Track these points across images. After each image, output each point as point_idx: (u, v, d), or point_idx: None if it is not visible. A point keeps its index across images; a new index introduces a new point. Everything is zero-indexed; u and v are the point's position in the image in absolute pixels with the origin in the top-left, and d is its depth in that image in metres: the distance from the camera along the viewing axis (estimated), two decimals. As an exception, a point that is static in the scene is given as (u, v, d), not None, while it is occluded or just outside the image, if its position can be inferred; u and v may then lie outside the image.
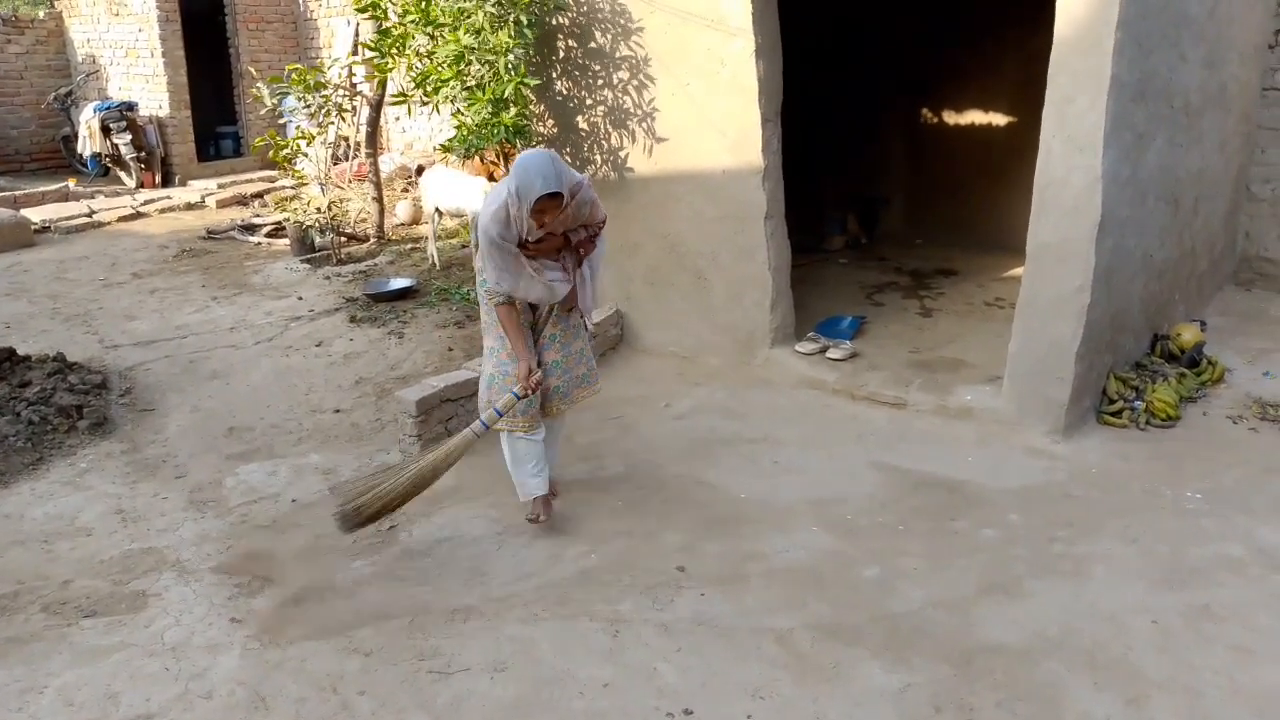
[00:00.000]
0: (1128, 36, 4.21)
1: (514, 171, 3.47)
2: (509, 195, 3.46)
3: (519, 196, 3.42)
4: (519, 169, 3.45)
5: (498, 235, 3.51)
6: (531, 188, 3.39)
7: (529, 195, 3.41)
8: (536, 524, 3.90)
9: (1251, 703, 2.82)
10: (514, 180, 3.45)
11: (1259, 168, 6.91)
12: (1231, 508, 3.94)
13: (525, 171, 3.43)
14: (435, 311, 6.65)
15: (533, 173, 3.41)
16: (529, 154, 3.55)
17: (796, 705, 2.89)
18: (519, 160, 3.50)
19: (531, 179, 3.40)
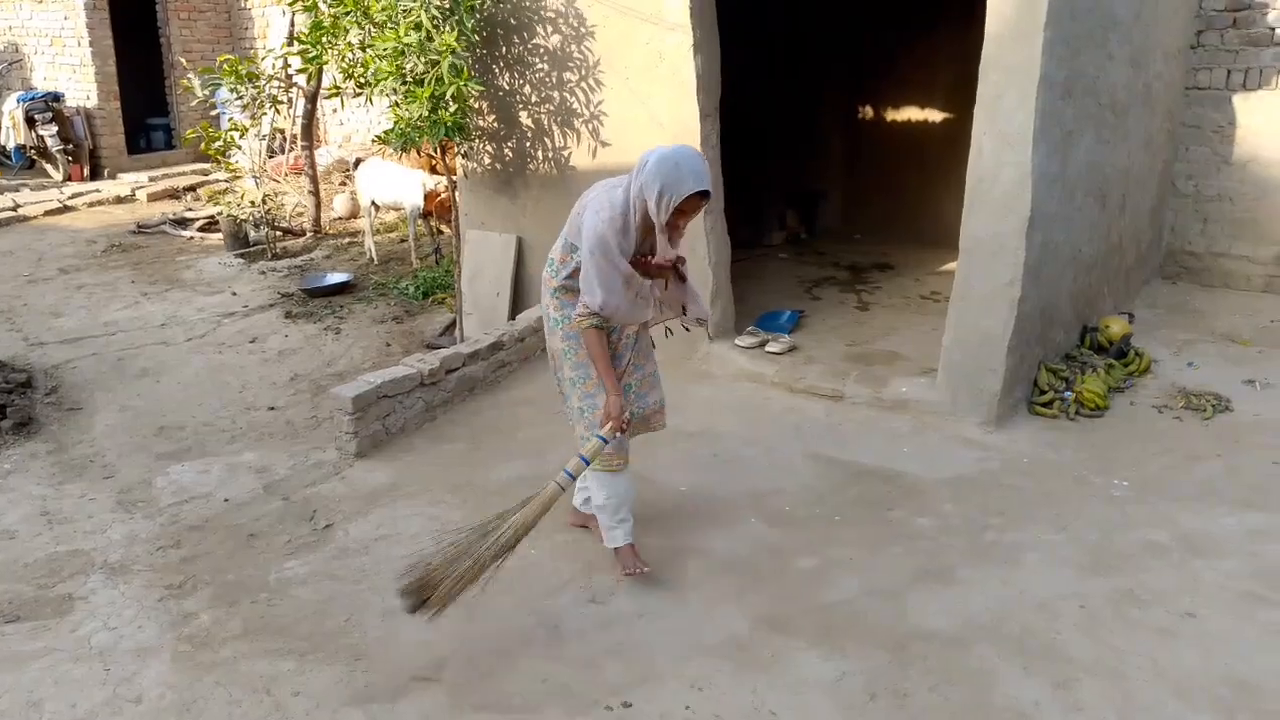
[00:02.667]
0: (1056, 35, 4.30)
1: (652, 168, 3.00)
2: (634, 197, 3.07)
3: (661, 195, 2.97)
4: (662, 163, 2.99)
5: (616, 246, 3.10)
6: (681, 184, 2.96)
7: (677, 194, 2.97)
8: (638, 576, 3.45)
9: (1173, 684, 2.91)
10: (654, 178, 2.98)
11: (1183, 164, 7.11)
12: (1157, 495, 4.05)
13: (675, 167, 2.98)
14: (373, 306, 6.58)
15: (685, 168, 2.98)
16: (675, 148, 3.08)
17: (735, 696, 2.91)
18: (660, 155, 3.03)
19: (682, 175, 2.97)
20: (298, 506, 4.14)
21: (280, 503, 4.17)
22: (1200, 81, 6.94)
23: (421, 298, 6.92)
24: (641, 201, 3.07)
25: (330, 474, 4.41)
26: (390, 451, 4.60)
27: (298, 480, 4.37)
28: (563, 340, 3.41)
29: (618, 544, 3.49)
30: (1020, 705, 2.84)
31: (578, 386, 3.42)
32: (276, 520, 4.02)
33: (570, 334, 3.35)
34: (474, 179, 6.21)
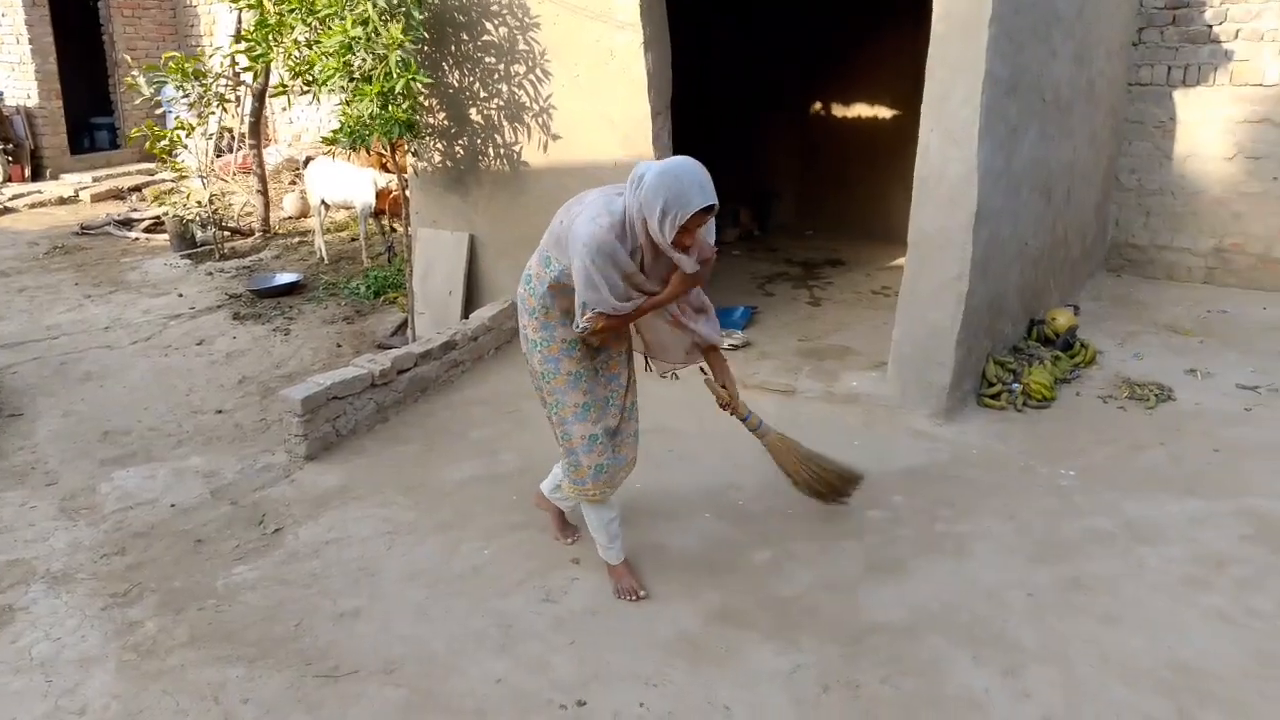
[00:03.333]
0: (1001, 32, 4.35)
1: (652, 184, 2.80)
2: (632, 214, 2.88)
3: (665, 213, 2.78)
4: (662, 178, 2.79)
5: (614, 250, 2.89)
6: (686, 200, 2.77)
7: (683, 211, 2.77)
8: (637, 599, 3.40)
9: (1118, 669, 2.96)
10: (654, 195, 2.79)
11: (1126, 159, 7.25)
12: (1102, 484, 4.12)
13: (677, 180, 2.78)
14: (323, 307, 6.50)
15: (687, 181, 2.79)
16: (675, 161, 2.88)
17: (689, 691, 2.91)
18: (658, 169, 2.83)
19: (685, 189, 2.77)
20: (246, 511, 4.08)
21: (228, 507, 4.11)
22: (1142, 78, 7.08)
23: (373, 297, 6.85)
24: (641, 220, 2.86)
25: (279, 477, 4.35)
26: (341, 454, 4.54)
27: (246, 484, 4.30)
28: (542, 363, 3.21)
29: (611, 561, 3.45)
30: (970, 693, 2.88)
31: (555, 411, 3.26)
32: (224, 525, 3.96)
33: (550, 357, 3.17)
34: (425, 177, 6.16)
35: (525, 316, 3.24)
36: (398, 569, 3.60)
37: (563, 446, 3.31)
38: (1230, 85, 6.76)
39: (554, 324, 3.16)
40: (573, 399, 3.20)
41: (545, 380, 3.24)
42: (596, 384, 3.24)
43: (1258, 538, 3.66)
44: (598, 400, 3.24)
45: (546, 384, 3.24)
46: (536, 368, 3.25)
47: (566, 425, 3.24)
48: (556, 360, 3.18)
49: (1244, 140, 6.79)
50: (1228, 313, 6.40)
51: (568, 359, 3.18)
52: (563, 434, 3.27)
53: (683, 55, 5.58)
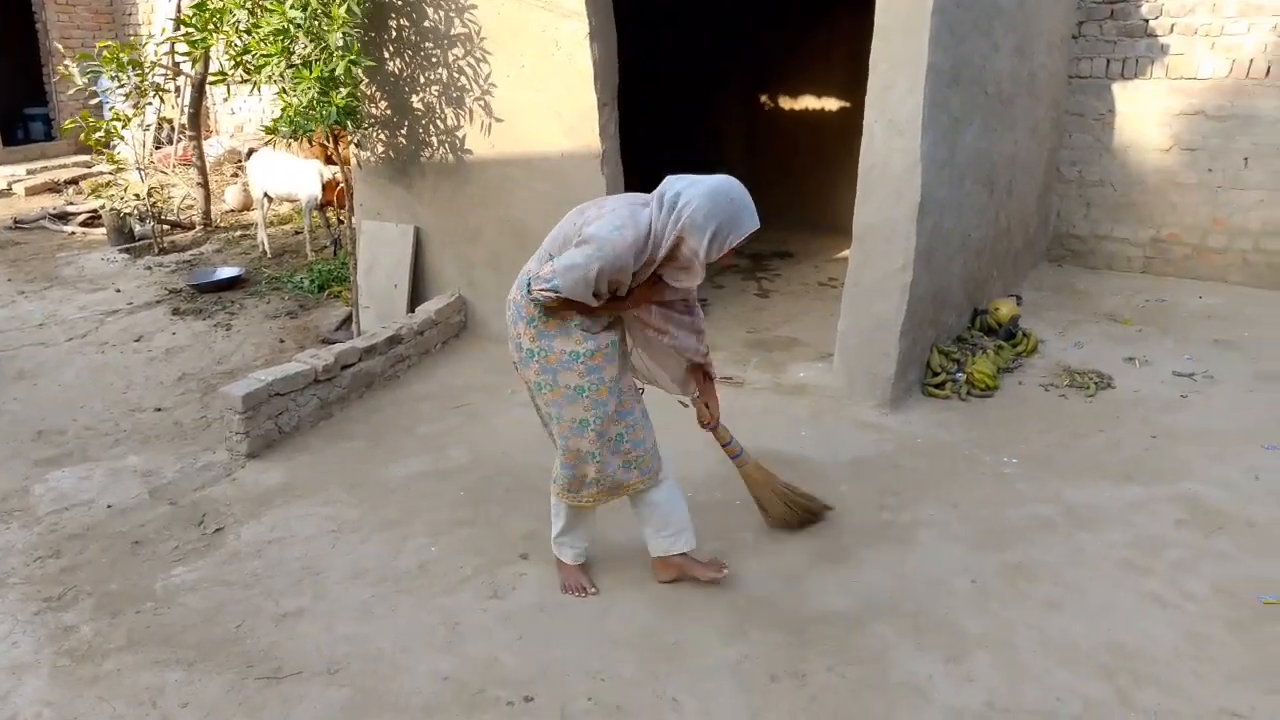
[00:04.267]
0: (943, 24, 4.39)
1: (702, 205, 2.74)
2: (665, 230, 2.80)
3: (716, 236, 2.75)
4: (715, 199, 2.75)
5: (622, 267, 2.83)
6: (739, 224, 2.77)
7: (736, 234, 2.78)
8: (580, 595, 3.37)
9: (1059, 652, 3.01)
10: (706, 217, 2.74)
11: (1067, 151, 7.38)
12: (1043, 471, 4.19)
13: (731, 203, 2.76)
14: (265, 301, 6.39)
15: (740, 204, 2.77)
16: (721, 182, 2.81)
17: (638, 684, 2.91)
18: (708, 190, 2.77)
19: (738, 212, 2.76)
20: (186, 511, 3.99)
21: (167, 507, 4.02)
22: (1082, 70, 7.19)
23: (317, 291, 6.75)
24: (676, 238, 2.79)
25: (220, 476, 4.27)
26: (284, 451, 4.47)
27: (186, 483, 4.21)
28: (539, 374, 3.06)
29: (560, 556, 3.41)
30: (915, 680, 2.91)
31: (554, 424, 3.14)
32: (163, 526, 3.87)
33: (548, 368, 3.02)
34: (368, 168, 6.07)
35: (521, 324, 3.06)
36: (342, 567, 3.55)
37: (560, 459, 3.17)
38: (1166, 78, 6.90)
39: (553, 333, 3.01)
40: (571, 413, 3.05)
41: (540, 391, 3.09)
42: (597, 396, 3.05)
43: (1192, 522, 3.75)
44: (599, 415, 3.06)
45: (542, 395, 3.10)
46: (532, 378, 3.10)
47: (566, 440, 3.10)
48: (554, 372, 3.02)
49: (1180, 132, 6.94)
50: (1165, 301, 6.55)
51: (566, 371, 3.01)
52: (563, 447, 3.13)
53: (629, 47, 5.55)
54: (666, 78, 8.59)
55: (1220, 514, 3.81)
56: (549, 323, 3.01)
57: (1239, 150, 6.77)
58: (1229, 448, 4.36)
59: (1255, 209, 6.81)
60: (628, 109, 5.54)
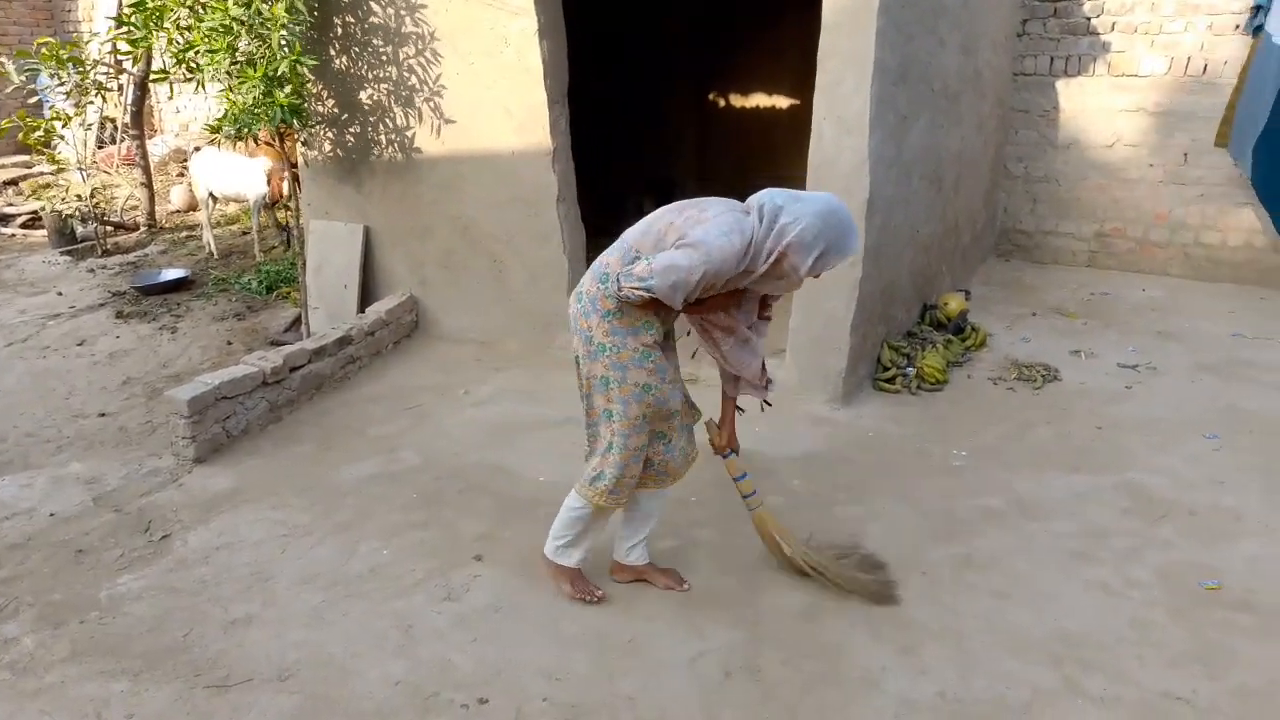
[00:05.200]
0: (889, 22, 4.43)
1: (814, 225, 2.72)
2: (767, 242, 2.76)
3: (823, 256, 2.75)
4: (828, 220, 2.74)
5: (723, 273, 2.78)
6: (846, 246, 2.78)
7: (841, 256, 2.80)
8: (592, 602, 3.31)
9: (1008, 641, 3.06)
10: (815, 237, 2.72)
11: (1013, 147, 7.49)
12: (992, 463, 4.25)
13: (841, 225, 2.76)
14: (212, 303, 6.28)
15: (848, 228, 2.77)
16: (831, 204, 2.80)
17: (593, 683, 2.90)
18: (821, 210, 2.76)
19: (846, 235, 2.76)
20: (131, 518, 3.91)
21: (112, 515, 3.93)
22: (1027, 68, 7.31)
23: (265, 292, 6.64)
24: (780, 254, 2.76)
25: (167, 482, 4.19)
26: (232, 455, 4.39)
27: (131, 490, 4.13)
28: (608, 369, 2.97)
29: (564, 562, 3.32)
30: (869, 672, 2.93)
31: (615, 420, 3.04)
32: (108, 534, 3.79)
33: (619, 364, 2.95)
34: (316, 167, 5.99)
35: (594, 317, 2.96)
36: (292, 572, 3.50)
37: (615, 458, 3.06)
38: (1109, 75, 7.04)
39: (626, 330, 2.94)
40: (636, 410, 3.00)
41: (608, 388, 3.00)
42: (659, 395, 3.02)
43: (1136, 511, 3.83)
44: (658, 413, 3.05)
45: (609, 391, 3.01)
46: (600, 373, 2.99)
47: (626, 437, 3.02)
48: (625, 368, 2.95)
49: (1122, 129, 7.08)
50: (1109, 295, 6.68)
51: (638, 369, 2.95)
52: (620, 446, 3.04)
53: (580, 43, 5.54)
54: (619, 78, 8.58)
55: (1163, 502, 3.89)
56: (623, 319, 2.94)
57: (1179, 146, 6.92)
58: (1171, 437, 4.46)
59: (1195, 203, 6.97)
60: (580, 109, 5.52)
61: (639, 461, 3.10)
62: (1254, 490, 3.97)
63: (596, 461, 3.13)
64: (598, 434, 3.13)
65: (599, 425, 3.11)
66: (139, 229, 8.49)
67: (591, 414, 3.13)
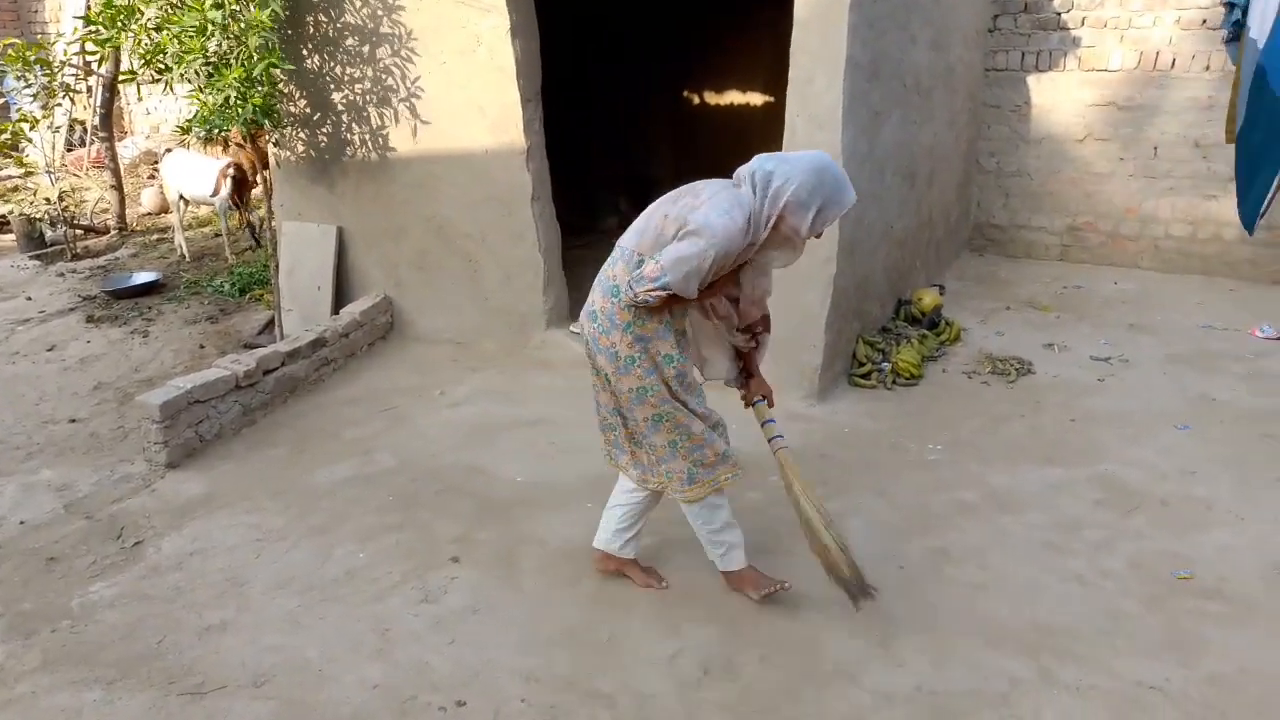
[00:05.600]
0: (861, 18, 4.44)
1: (808, 182, 2.69)
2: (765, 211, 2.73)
3: (820, 212, 2.72)
4: (821, 176, 2.71)
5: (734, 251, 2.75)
6: (843, 199, 2.74)
7: (839, 209, 2.76)
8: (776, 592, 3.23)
9: (985, 634, 3.08)
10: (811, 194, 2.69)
11: (985, 142, 7.54)
12: (967, 457, 4.28)
13: (835, 180, 2.74)
14: (185, 306, 6.22)
15: (842, 180, 2.75)
16: (818, 159, 2.77)
17: (572, 683, 2.90)
18: (811, 167, 2.72)
19: (841, 188, 2.74)
20: (103, 525, 3.87)
21: (83, 522, 3.89)
22: (998, 63, 7.35)
23: (238, 295, 6.58)
24: (777, 217, 2.72)
25: (139, 488, 4.14)
26: (205, 460, 4.36)
27: (103, 496, 4.08)
28: (643, 378, 2.91)
29: (736, 567, 3.26)
30: (846, 666, 2.94)
31: (663, 424, 2.98)
32: (79, 541, 3.75)
33: (650, 370, 2.90)
34: (288, 168, 5.94)
35: (615, 333, 2.89)
36: (267, 577, 3.47)
37: (682, 451, 3.02)
38: (1079, 70, 7.09)
39: (650, 337, 2.89)
40: (676, 402, 2.97)
41: (646, 397, 2.94)
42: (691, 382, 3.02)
43: (1109, 502, 3.86)
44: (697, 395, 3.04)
45: (646, 402, 2.95)
46: (635, 384, 2.93)
47: (686, 427, 2.98)
48: (657, 369, 2.92)
49: (1093, 123, 7.14)
50: (1082, 288, 6.73)
51: (667, 366, 2.92)
52: (685, 437, 2.99)
53: (556, 41, 5.52)
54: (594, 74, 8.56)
55: (1136, 493, 3.93)
56: (644, 326, 2.88)
57: (1149, 140, 6.98)
58: (1143, 429, 4.50)
59: (1165, 196, 7.04)
60: (555, 107, 5.51)
61: (713, 439, 3.04)
62: (1224, 480, 4.01)
63: (669, 465, 3.05)
64: (653, 445, 3.05)
65: (650, 436, 3.02)
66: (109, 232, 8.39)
67: (637, 428, 3.05)
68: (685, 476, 3.05)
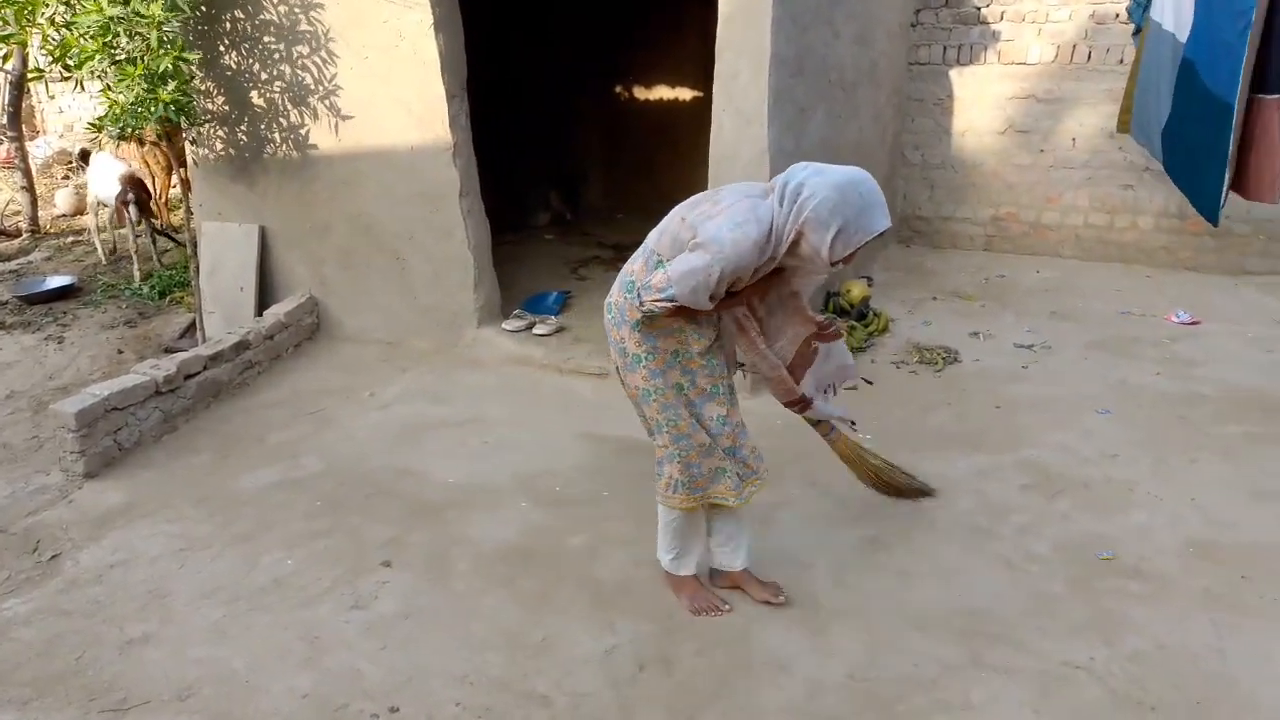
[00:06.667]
0: (784, 13, 4.47)
1: (828, 199, 2.50)
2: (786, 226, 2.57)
3: (840, 234, 2.51)
4: (843, 193, 2.51)
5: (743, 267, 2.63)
6: (868, 221, 2.52)
7: (863, 233, 2.53)
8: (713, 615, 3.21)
9: (914, 620, 3.12)
10: (830, 212, 2.50)
11: (910, 135, 7.65)
12: (897, 444, 4.31)
13: (860, 198, 2.51)
14: (101, 311, 6.03)
15: (870, 200, 2.52)
16: (850, 174, 2.57)
17: (506, 684, 2.87)
18: (835, 182, 2.53)
19: (869, 209, 2.52)
20: (18, 539, 3.73)
21: (-5, 536, 3.75)
22: (921, 57, 7.47)
23: (158, 298, 6.40)
24: (796, 233, 2.57)
25: (56, 499, 4.00)
26: (125, 469, 4.22)
27: (17, 509, 3.93)
28: (647, 379, 2.88)
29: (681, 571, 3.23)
30: (779, 656, 2.96)
31: (666, 431, 2.95)
32: (-9, 556, 3.61)
33: (656, 371, 2.86)
34: (206, 166, 5.78)
35: (625, 329, 2.87)
36: (191, 588, 3.38)
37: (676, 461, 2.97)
38: (999, 64, 7.24)
39: (656, 334, 2.85)
40: (686, 412, 2.92)
41: (652, 397, 2.90)
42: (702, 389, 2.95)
43: (1035, 487, 3.95)
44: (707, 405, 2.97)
45: (654, 400, 2.91)
46: (640, 384, 2.90)
47: (681, 439, 2.93)
48: (663, 374, 2.87)
49: (1014, 115, 7.29)
50: (1005, 277, 6.88)
51: (673, 369, 2.88)
52: (679, 449, 2.94)
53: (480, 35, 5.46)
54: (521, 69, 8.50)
55: (1060, 477, 4.02)
56: (654, 324, 2.83)
57: (1067, 131, 7.16)
58: (1066, 414, 4.61)
59: (1084, 186, 7.22)
60: (483, 102, 5.44)
61: (708, 456, 2.98)
62: (1144, 462, 4.13)
63: (666, 468, 3.02)
64: (656, 444, 3.03)
65: (656, 435, 3.00)
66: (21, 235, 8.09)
67: (646, 424, 3.05)
68: (668, 481, 3.02)
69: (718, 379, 2.97)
